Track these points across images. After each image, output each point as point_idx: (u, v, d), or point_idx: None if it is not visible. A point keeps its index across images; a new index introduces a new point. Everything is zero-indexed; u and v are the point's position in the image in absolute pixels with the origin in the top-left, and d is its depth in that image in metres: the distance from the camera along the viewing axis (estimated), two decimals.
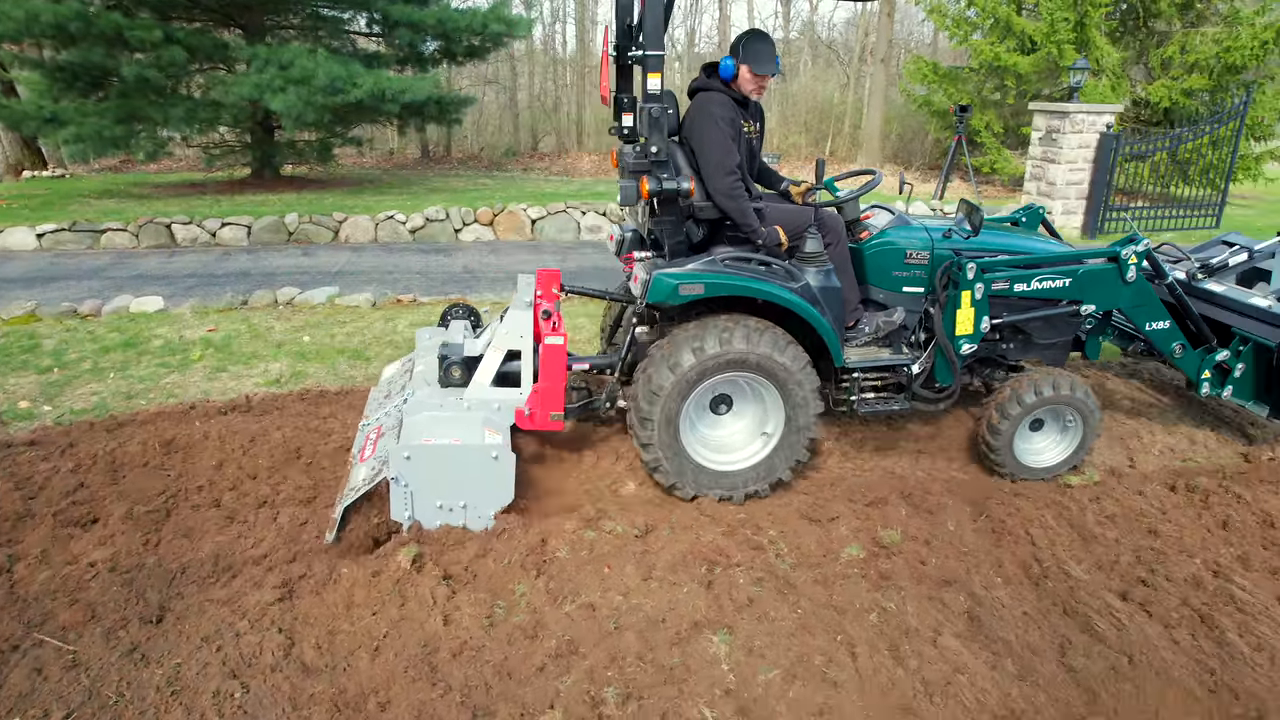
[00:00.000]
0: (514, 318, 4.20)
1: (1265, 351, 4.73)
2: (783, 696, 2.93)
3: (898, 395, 4.55)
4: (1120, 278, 4.55)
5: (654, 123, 3.80)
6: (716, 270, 3.97)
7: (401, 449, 3.63)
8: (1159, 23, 16.17)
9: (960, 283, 4.29)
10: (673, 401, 3.99)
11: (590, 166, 19.05)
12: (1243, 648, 3.29)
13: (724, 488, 4.21)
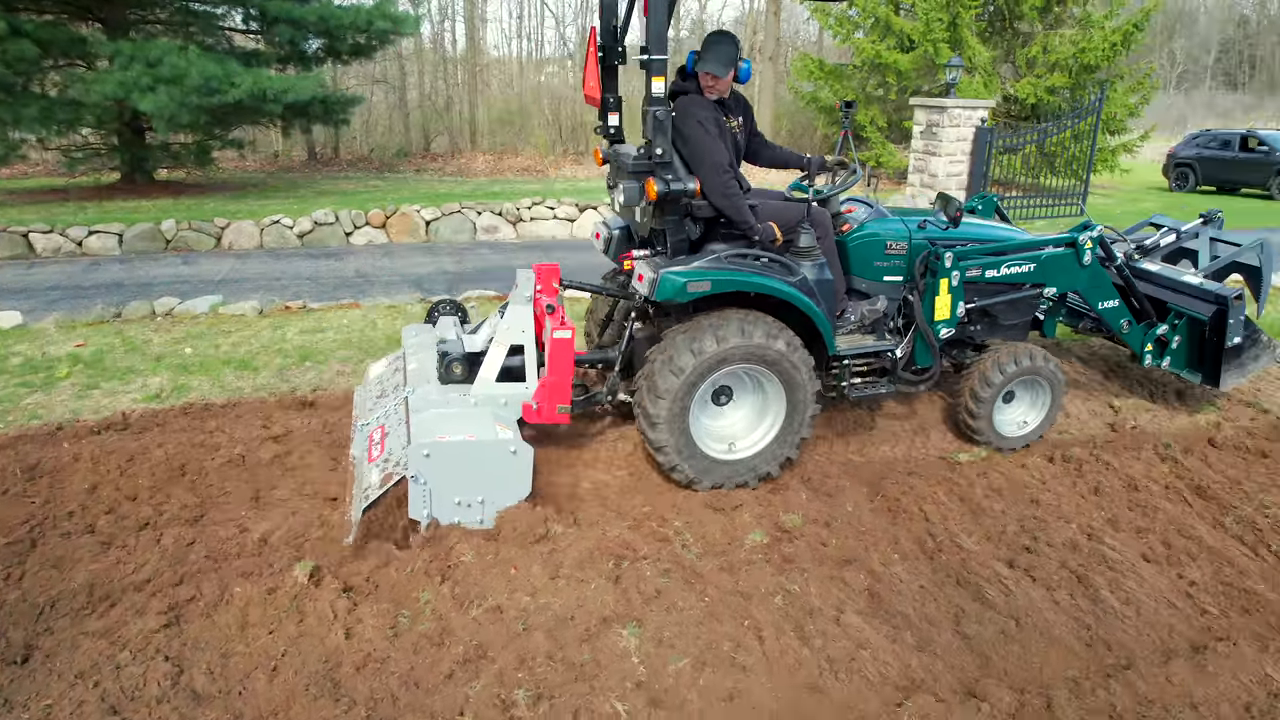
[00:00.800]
0: (515, 313, 4.19)
1: (1198, 324, 5.14)
2: (693, 685, 2.96)
3: (882, 379, 4.73)
4: (1078, 261, 4.88)
5: (659, 125, 3.83)
6: (721, 268, 4.04)
7: (420, 447, 3.58)
8: (1023, 24, 17.15)
9: (938, 271, 4.50)
10: (684, 395, 4.04)
11: (485, 166, 18.79)
12: (1114, 603, 3.53)
13: (735, 475, 4.27)
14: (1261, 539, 4.10)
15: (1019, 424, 4.96)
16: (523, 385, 4.13)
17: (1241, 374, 5.34)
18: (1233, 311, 5.04)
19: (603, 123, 4.43)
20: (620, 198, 4.04)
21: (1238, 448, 4.96)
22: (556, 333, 4.02)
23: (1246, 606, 3.64)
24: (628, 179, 4.03)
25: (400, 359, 4.72)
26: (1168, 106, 35.46)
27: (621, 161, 4.23)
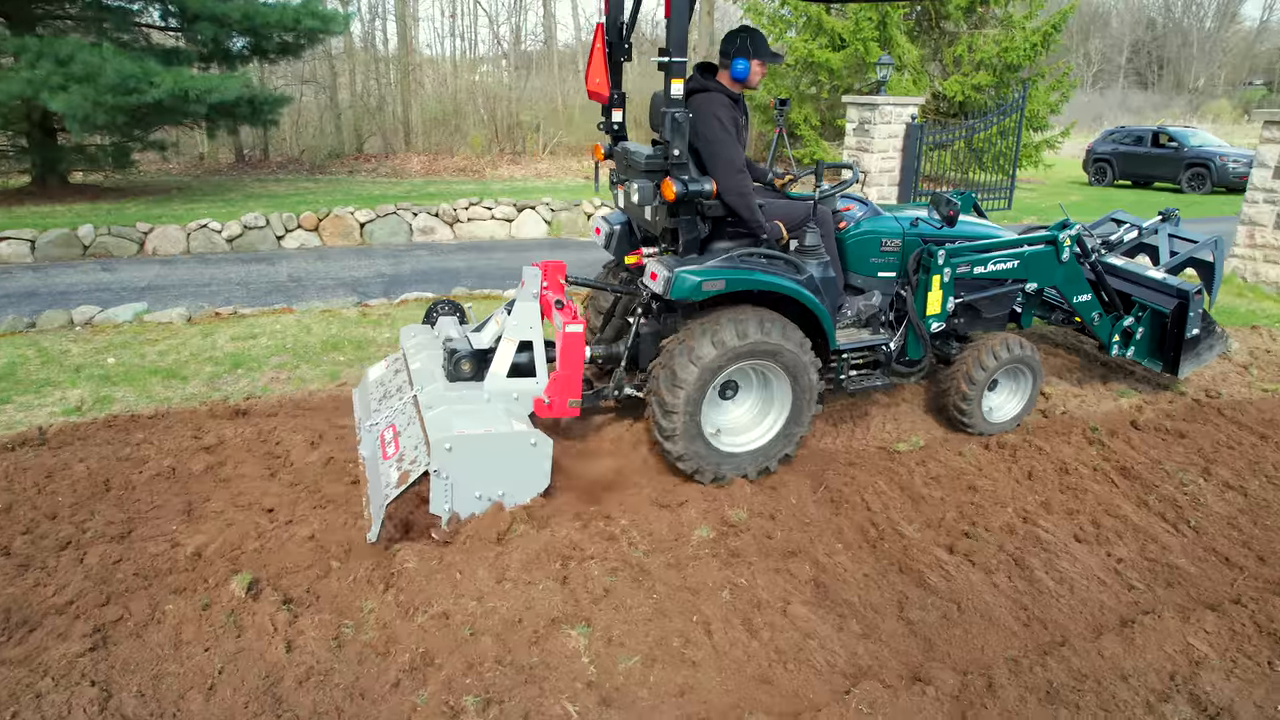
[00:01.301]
0: (522, 309, 4.23)
1: (1160, 316, 5.46)
2: (644, 682, 2.96)
3: (875, 371, 4.86)
4: (1057, 258, 5.12)
5: (677, 127, 3.83)
6: (734, 267, 4.13)
7: (442, 441, 3.58)
8: (949, 24, 17.61)
9: (931, 267, 4.68)
10: (701, 386, 4.10)
11: (420, 167, 18.50)
12: (1049, 583, 3.64)
13: (738, 467, 4.35)
14: (1181, 515, 4.29)
15: (1004, 409, 5.18)
16: (533, 380, 4.17)
17: (1198, 363, 5.69)
18: (1193, 305, 5.34)
19: (605, 119, 4.48)
20: (634, 196, 4.04)
21: (1158, 429, 5.17)
22: (569, 327, 4.07)
23: (1169, 580, 3.81)
24: (641, 178, 4.04)
25: (400, 360, 4.72)
26: (1085, 104, 36.82)
27: (632, 160, 4.25)
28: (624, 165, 4.44)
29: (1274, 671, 3.21)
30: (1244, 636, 3.36)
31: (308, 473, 4.36)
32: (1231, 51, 51.76)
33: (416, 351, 4.54)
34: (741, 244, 4.31)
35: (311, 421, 4.97)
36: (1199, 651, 3.24)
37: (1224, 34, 52.08)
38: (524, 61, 25.31)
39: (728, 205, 4.18)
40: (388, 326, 6.87)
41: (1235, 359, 6.61)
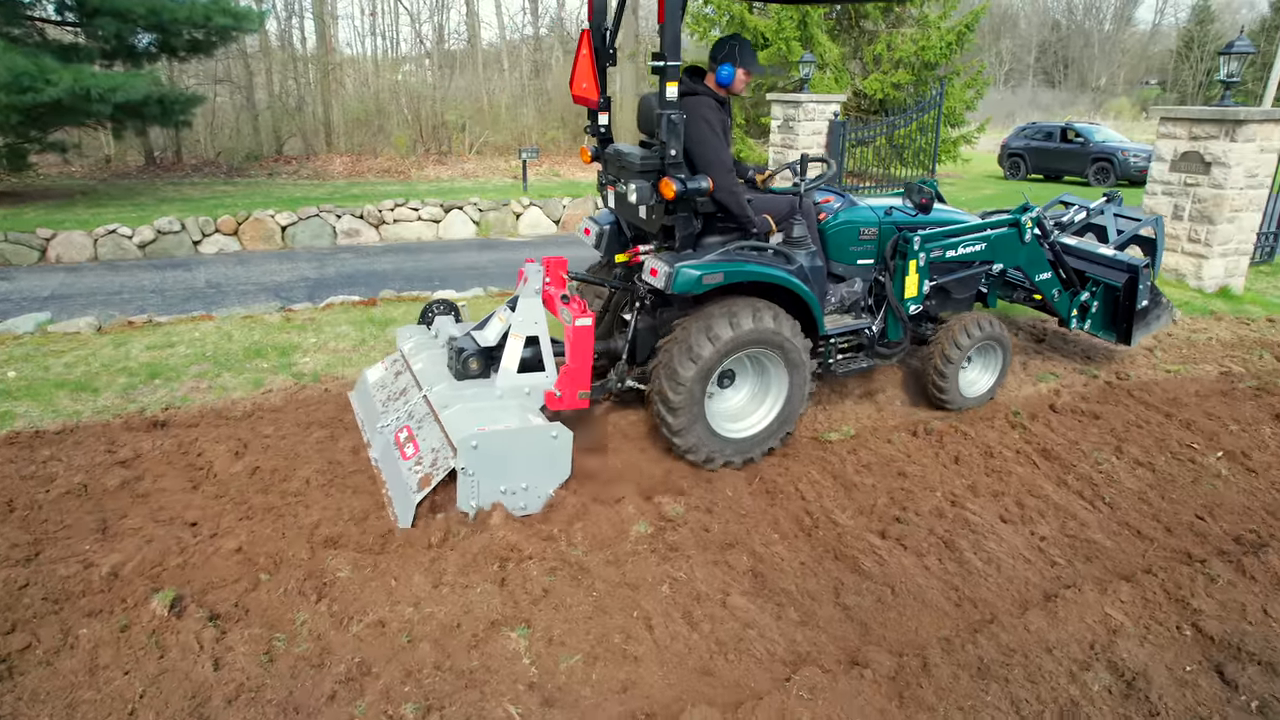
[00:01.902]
0: (527, 306, 4.29)
1: (1112, 291, 5.85)
2: (586, 680, 2.94)
3: (859, 354, 5.10)
4: (1020, 240, 5.42)
5: (673, 128, 3.96)
6: (731, 260, 4.29)
7: (469, 439, 3.65)
8: (868, 23, 18.04)
9: (908, 253, 4.92)
10: (701, 379, 4.26)
11: (343, 168, 18.06)
12: (977, 563, 3.76)
13: (742, 451, 4.52)
14: (1098, 493, 4.48)
15: (978, 384, 5.46)
16: (542, 375, 4.26)
17: (1147, 332, 6.11)
18: (1142, 278, 5.72)
19: (592, 123, 4.59)
20: (632, 196, 4.17)
21: (1075, 411, 5.39)
22: (579, 321, 4.12)
23: (1088, 555, 3.97)
24: (637, 178, 4.15)
25: (399, 361, 4.80)
26: (999, 101, 38.18)
27: (626, 161, 4.34)
28: (617, 167, 4.51)
29: (1182, 635, 3.38)
30: (1155, 604, 3.53)
31: (233, 484, 4.21)
32: (1129, 52, 54.41)
33: (416, 352, 4.63)
34: (731, 238, 4.45)
35: (236, 431, 4.80)
36: (1116, 620, 3.39)
37: (1121, 36, 54.71)
38: (448, 60, 24.93)
39: (720, 202, 4.32)
40: (313, 331, 6.69)
41: (1142, 343, 6.94)
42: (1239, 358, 6.75)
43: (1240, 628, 3.41)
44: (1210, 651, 3.31)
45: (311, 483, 4.19)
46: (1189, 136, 8.55)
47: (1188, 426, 5.27)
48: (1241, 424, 5.35)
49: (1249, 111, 8.17)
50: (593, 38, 4.37)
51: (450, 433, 3.80)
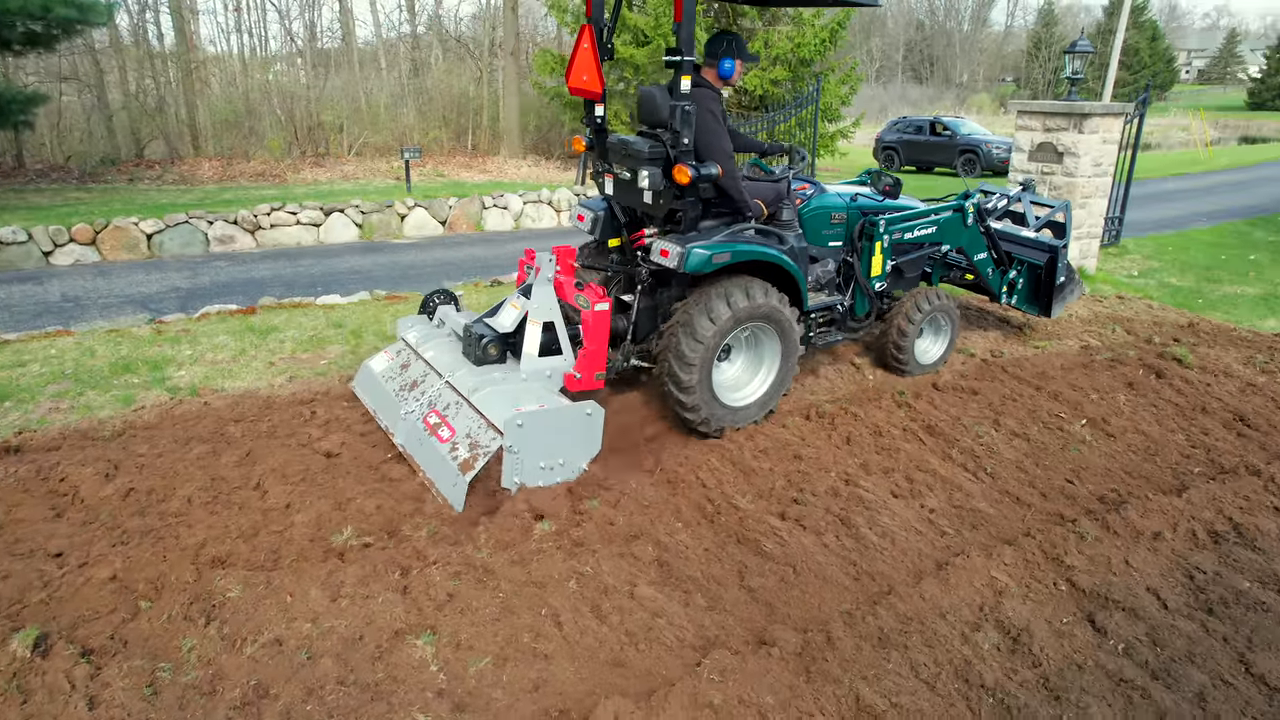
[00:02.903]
0: (542, 294, 4.52)
1: (1035, 269, 6.53)
2: (497, 682, 2.90)
3: (832, 328, 5.58)
4: (963, 223, 6.00)
5: (685, 118, 4.26)
6: (737, 241, 4.60)
7: (514, 419, 3.85)
8: (745, 21, 18.43)
9: (874, 235, 5.42)
10: (708, 354, 4.55)
11: (212, 173, 17.12)
12: (873, 538, 3.91)
13: (743, 418, 4.88)
14: (980, 464, 4.74)
15: (930, 353, 6.06)
16: (560, 358, 4.53)
17: (1063, 305, 6.78)
18: (1060, 257, 6.42)
19: (588, 114, 4.85)
20: (643, 182, 4.41)
21: (955, 388, 5.68)
22: (597, 306, 4.44)
23: (974, 523, 4.19)
24: (648, 165, 4.40)
25: (404, 351, 4.98)
26: (871, 97, 39.81)
27: (632, 150, 4.55)
28: (621, 155, 4.69)
29: (1059, 591, 3.62)
30: (1035, 564, 3.76)
31: (103, 508, 3.92)
32: (986, 51, 57.79)
33: (424, 341, 4.86)
34: (723, 222, 4.76)
35: (105, 452, 4.47)
36: (1001, 583, 3.59)
37: (979, 36, 58.03)
38: (322, 59, 24.01)
39: (722, 188, 4.62)
40: (188, 343, 6.31)
41: (1013, 321, 7.38)
42: (1095, 332, 7.27)
43: (1107, 579, 3.68)
44: (1083, 603, 3.56)
45: (194, 501, 3.96)
46: (1043, 129, 9.14)
47: (1055, 398, 5.64)
48: (1100, 393, 5.76)
49: (1092, 106, 8.80)
50: (593, 32, 4.52)
51: (489, 415, 4.01)
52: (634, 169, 4.51)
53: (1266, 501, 4.44)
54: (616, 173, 4.80)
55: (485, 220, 12.39)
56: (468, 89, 22.74)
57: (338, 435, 4.62)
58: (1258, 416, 5.58)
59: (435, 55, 26.18)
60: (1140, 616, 3.47)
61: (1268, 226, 12.78)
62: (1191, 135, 31.43)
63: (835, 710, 2.86)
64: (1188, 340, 7.00)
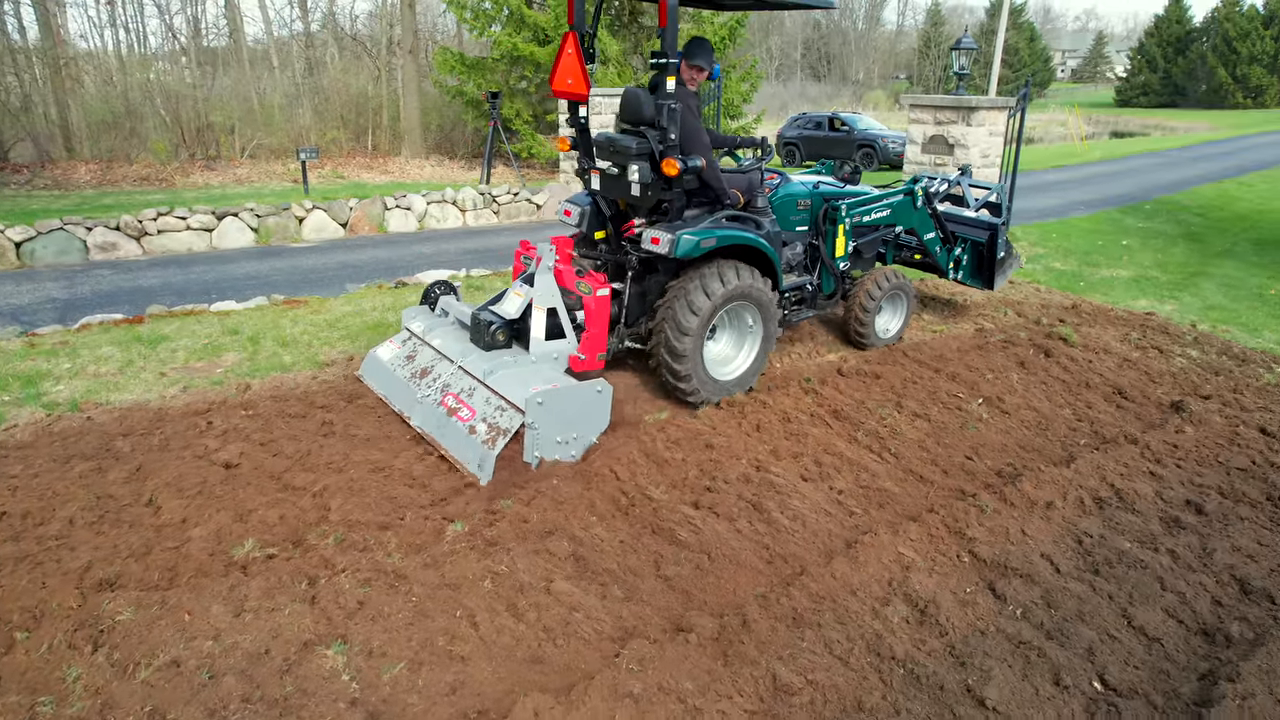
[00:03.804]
0: (544, 282, 4.83)
1: (978, 246, 6.98)
2: (413, 687, 2.83)
3: (803, 306, 6.03)
4: (914, 206, 6.46)
5: (673, 115, 4.67)
6: (721, 228, 4.99)
7: (534, 397, 4.13)
8: (646, 19, 18.53)
9: (837, 219, 5.88)
10: (699, 331, 4.92)
11: (90, 177, 16.14)
12: (784, 521, 3.98)
13: (729, 390, 5.28)
14: (885, 445, 4.89)
15: (889, 327, 6.60)
16: (564, 341, 4.87)
17: (1004, 278, 7.23)
18: (1000, 233, 6.88)
19: (572, 114, 5.16)
20: (633, 176, 4.78)
21: (859, 374, 5.85)
22: (599, 292, 4.82)
23: (881, 502, 4.32)
24: (636, 160, 4.77)
25: (410, 340, 5.29)
26: (772, 94, 40.63)
27: (620, 147, 4.87)
28: (610, 152, 5.00)
29: (962, 562, 3.77)
30: (939, 538, 3.91)
31: None
32: (880, 50, 59.77)
33: (430, 330, 5.17)
34: (705, 211, 5.11)
35: None
36: (908, 558, 3.72)
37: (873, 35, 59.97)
38: (208, 58, 22.95)
39: (703, 179, 4.99)
40: (67, 356, 5.93)
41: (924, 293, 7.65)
42: (989, 315, 7.61)
43: (1005, 549, 3.86)
44: (984, 573, 3.71)
45: (76, 522, 3.73)
46: (934, 122, 9.52)
47: (953, 379, 5.87)
48: (995, 373, 6.04)
49: (979, 100, 9.22)
50: (577, 38, 4.83)
51: (507, 394, 4.30)
52: (623, 164, 4.86)
53: (1143, 467, 4.74)
54: (602, 169, 5.10)
55: (388, 221, 12.08)
56: (366, 88, 22.13)
57: (236, 445, 4.43)
58: (1134, 389, 5.94)
59: (331, 54, 25.38)
60: (1036, 581, 3.65)
61: (1137, 214, 13.64)
62: (1069, 130, 33.28)
63: (753, 691, 2.90)
64: (1072, 320, 7.41)
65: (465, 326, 5.07)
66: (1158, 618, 3.44)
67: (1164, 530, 4.15)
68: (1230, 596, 3.63)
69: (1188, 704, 2.96)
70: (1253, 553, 3.96)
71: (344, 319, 6.87)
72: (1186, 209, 14.16)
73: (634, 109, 4.83)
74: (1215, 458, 4.91)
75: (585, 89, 4.89)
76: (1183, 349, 6.85)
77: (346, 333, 6.52)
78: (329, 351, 6.10)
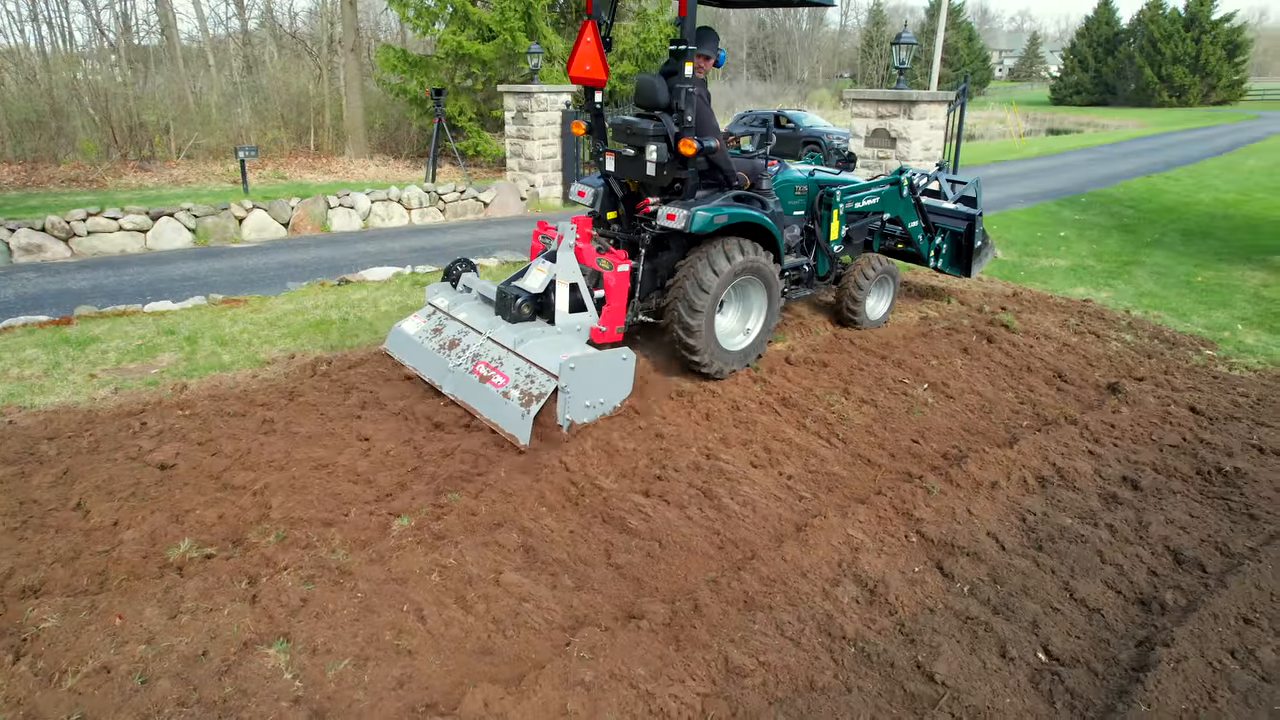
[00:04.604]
0: (566, 259, 5.10)
1: (956, 235, 7.31)
2: (359, 683, 2.76)
3: (800, 285, 6.34)
4: (900, 194, 6.75)
5: (690, 99, 4.98)
6: (732, 206, 5.23)
7: (567, 363, 4.41)
8: None
9: (832, 204, 6.17)
10: (711, 304, 5.15)
11: (12, 178, 15.48)
12: (735, 507, 3.99)
13: (738, 361, 5.51)
14: (833, 431, 4.93)
15: (877, 309, 6.86)
16: (586, 314, 5.12)
17: (980, 266, 7.54)
18: (977, 224, 7.22)
19: (588, 100, 5.45)
20: (652, 156, 5.06)
21: (807, 362, 5.90)
22: (620, 267, 5.05)
23: (829, 486, 4.36)
24: (654, 142, 5.07)
25: (435, 315, 5.54)
26: (719, 93, 40.88)
27: (638, 129, 5.19)
28: (626, 135, 5.30)
29: (910, 542, 3.82)
30: (887, 519, 3.96)
31: None
32: (823, 49, 60.59)
33: (455, 305, 5.43)
34: (714, 192, 5.34)
35: None
36: (857, 539, 3.75)
37: (817, 34, 60.77)
38: (140, 56, 22.24)
39: (714, 161, 5.29)
40: None
41: None
42: (932, 304, 7.74)
43: (952, 528, 3.92)
44: (932, 552, 3.77)
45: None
46: (876, 115, 9.65)
47: (899, 365, 5.96)
48: (939, 359, 6.14)
49: (919, 94, 9.38)
50: (595, 27, 5.09)
51: (539, 361, 4.57)
52: (640, 146, 5.17)
53: (1082, 447, 4.86)
54: (617, 150, 5.41)
55: (331, 220, 11.84)
56: (308, 87, 21.63)
57: (172, 445, 4.28)
58: (1073, 372, 6.10)
59: (270, 52, 24.82)
60: (982, 559, 3.72)
61: (1074, 206, 14.03)
62: (1007, 127, 34.13)
63: (705, 674, 2.90)
64: (1013, 308, 7.57)
65: (488, 301, 5.36)
66: (1098, 589, 3.52)
67: (1103, 506, 4.26)
68: (1165, 566, 3.74)
69: (1126, 670, 3.04)
70: (1185, 524, 4.08)
71: (285, 317, 6.70)
72: (1119, 202, 14.61)
73: (649, 95, 5.10)
74: (1149, 436, 5.06)
75: (604, 75, 5.17)
76: (1118, 334, 7.05)
77: (288, 330, 6.36)
78: (270, 350, 5.94)
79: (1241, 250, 10.64)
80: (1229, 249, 10.72)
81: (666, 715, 2.71)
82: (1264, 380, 6.07)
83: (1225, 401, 5.60)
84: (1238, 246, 10.88)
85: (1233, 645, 3.17)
